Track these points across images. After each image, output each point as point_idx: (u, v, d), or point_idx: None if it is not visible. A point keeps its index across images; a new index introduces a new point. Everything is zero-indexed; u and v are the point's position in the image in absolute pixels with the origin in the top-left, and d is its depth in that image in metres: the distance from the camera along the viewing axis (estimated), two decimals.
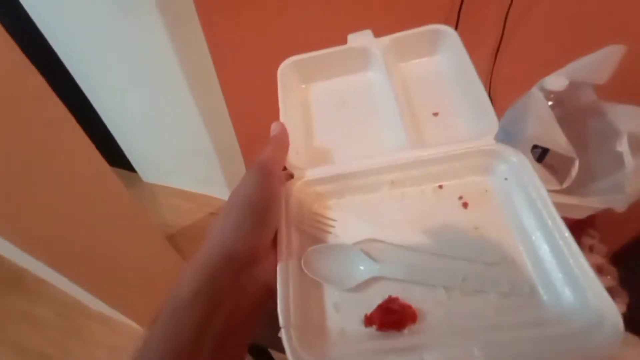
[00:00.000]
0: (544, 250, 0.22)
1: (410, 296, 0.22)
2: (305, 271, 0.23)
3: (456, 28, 0.73)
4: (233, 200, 0.22)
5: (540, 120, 0.44)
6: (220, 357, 0.19)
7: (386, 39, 0.31)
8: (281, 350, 0.51)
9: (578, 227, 0.54)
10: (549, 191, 0.43)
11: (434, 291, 0.22)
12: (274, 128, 0.26)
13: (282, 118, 0.30)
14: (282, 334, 0.20)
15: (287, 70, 0.32)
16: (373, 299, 0.22)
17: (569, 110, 0.49)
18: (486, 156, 0.27)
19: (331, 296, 0.23)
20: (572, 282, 0.21)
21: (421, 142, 0.28)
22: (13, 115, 0.70)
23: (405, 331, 0.21)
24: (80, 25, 1.13)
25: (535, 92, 0.45)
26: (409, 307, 0.21)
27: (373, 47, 0.31)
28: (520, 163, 0.26)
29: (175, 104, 1.30)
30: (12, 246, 0.75)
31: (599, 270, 0.48)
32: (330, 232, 0.25)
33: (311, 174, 0.27)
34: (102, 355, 1.20)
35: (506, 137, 0.50)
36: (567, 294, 0.20)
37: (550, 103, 0.46)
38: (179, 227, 1.64)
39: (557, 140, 0.43)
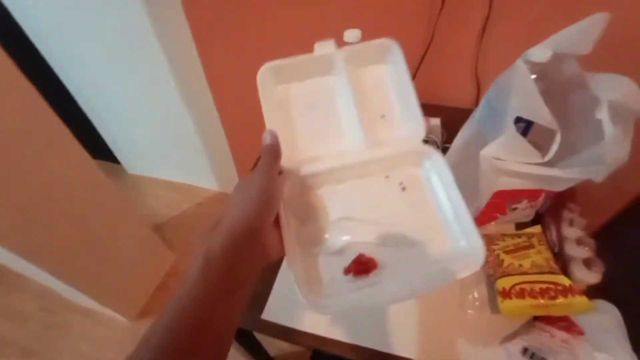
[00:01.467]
0: (451, 217, 0.33)
1: (373, 253, 0.32)
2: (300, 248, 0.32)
3: (442, 6, 0.73)
4: (247, 189, 0.29)
5: (524, 93, 0.43)
6: (237, 299, 0.25)
7: (346, 49, 0.37)
8: (261, 331, 0.50)
9: (559, 201, 0.54)
10: (532, 164, 0.44)
11: (387, 249, 0.32)
12: (265, 137, 0.33)
13: (265, 117, 0.36)
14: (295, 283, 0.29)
15: (264, 74, 0.36)
16: (349, 257, 0.32)
17: (552, 84, 0.49)
18: (417, 155, 0.36)
19: (323, 258, 0.33)
20: (465, 234, 0.32)
21: (374, 140, 0.36)
22: None
23: (371, 274, 0.31)
24: (56, 9, 1.07)
25: (519, 64, 0.45)
26: (372, 259, 0.32)
27: (335, 56, 0.36)
28: (438, 160, 0.35)
29: (159, 94, 1.26)
30: None
31: (578, 243, 0.48)
32: (315, 215, 0.35)
33: (296, 172, 0.35)
34: (86, 348, 1.18)
35: (490, 111, 0.50)
36: (462, 242, 0.32)
37: (534, 76, 0.46)
38: (165, 217, 1.61)
39: (540, 113, 0.42)
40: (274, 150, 0.32)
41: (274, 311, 0.50)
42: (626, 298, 0.48)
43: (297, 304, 0.34)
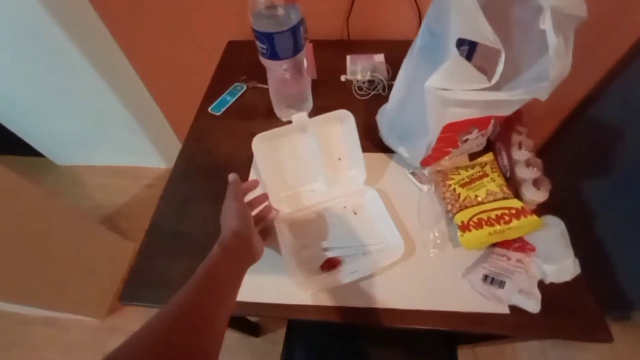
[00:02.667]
0: (384, 227, 0.51)
1: (339, 257, 0.49)
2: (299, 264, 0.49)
3: None
4: (227, 212, 0.41)
5: (464, 10, 0.39)
6: (239, 278, 0.37)
7: (316, 117, 0.51)
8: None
9: (508, 125, 0.54)
10: (480, 90, 0.41)
11: (346, 251, 0.50)
12: (229, 178, 0.45)
13: (260, 167, 0.52)
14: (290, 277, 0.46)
15: (257, 139, 0.50)
16: (322, 260, 0.50)
17: (492, 0, 0.45)
18: (361, 191, 0.55)
19: (305, 262, 0.49)
20: (393, 236, 0.49)
21: (333, 179, 0.55)
22: None
23: (339, 267, 0.48)
24: None
25: None
26: (337, 259, 0.49)
27: (307, 122, 0.51)
28: (374, 193, 0.54)
29: (67, 74, 1.06)
30: None
31: (527, 164, 0.49)
32: (300, 235, 0.53)
33: (284, 209, 0.53)
34: (56, 357, 1.11)
35: (431, 37, 0.46)
36: (391, 240, 0.49)
37: None
38: (115, 206, 1.48)
39: (483, 32, 0.39)
40: (236, 184, 0.45)
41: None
42: (566, 207, 0.50)
43: (259, 280, 0.47)
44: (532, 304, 0.41)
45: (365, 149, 0.61)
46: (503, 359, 1.03)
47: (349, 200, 0.55)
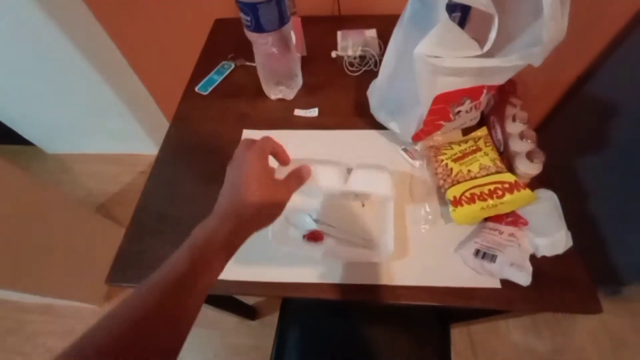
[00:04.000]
0: (381, 231, 0.47)
1: (324, 232, 0.49)
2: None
3: None
4: (246, 171, 0.33)
5: None
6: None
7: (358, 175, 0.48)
8: (215, 290, 0.47)
9: (502, 98, 0.52)
10: (472, 57, 0.39)
11: (334, 234, 0.49)
12: (302, 169, 0.40)
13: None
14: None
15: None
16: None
17: None
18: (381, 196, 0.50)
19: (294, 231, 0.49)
20: (387, 242, 0.45)
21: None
22: None
23: (321, 241, 0.48)
24: None
25: None
26: (320, 233, 0.48)
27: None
28: (390, 203, 0.48)
29: (54, 56, 1.02)
30: None
31: (521, 137, 0.47)
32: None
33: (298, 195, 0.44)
34: (54, 344, 1.12)
35: (422, 4, 0.44)
36: (387, 241, 0.45)
37: None
38: (108, 195, 1.46)
39: None
40: (304, 178, 0.39)
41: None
42: (559, 182, 0.49)
43: (252, 259, 0.46)
44: (524, 277, 0.41)
45: (355, 126, 0.59)
46: (497, 336, 1.05)
47: (362, 197, 0.51)
